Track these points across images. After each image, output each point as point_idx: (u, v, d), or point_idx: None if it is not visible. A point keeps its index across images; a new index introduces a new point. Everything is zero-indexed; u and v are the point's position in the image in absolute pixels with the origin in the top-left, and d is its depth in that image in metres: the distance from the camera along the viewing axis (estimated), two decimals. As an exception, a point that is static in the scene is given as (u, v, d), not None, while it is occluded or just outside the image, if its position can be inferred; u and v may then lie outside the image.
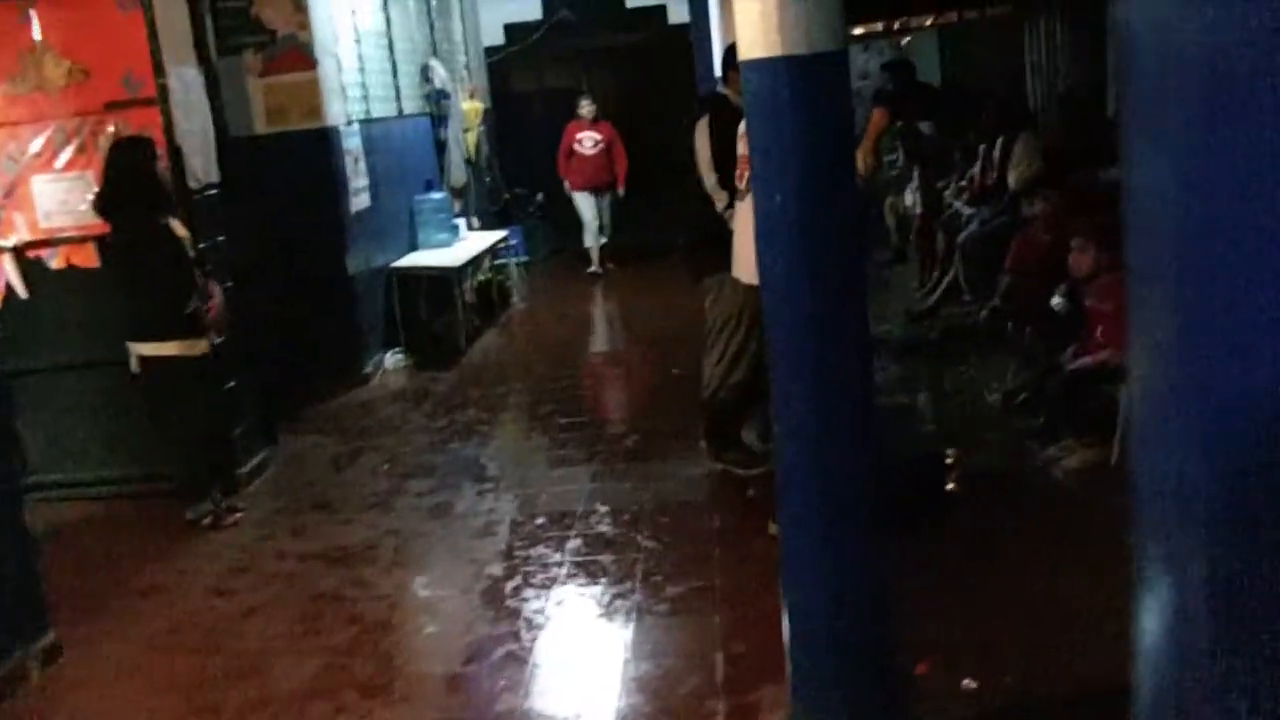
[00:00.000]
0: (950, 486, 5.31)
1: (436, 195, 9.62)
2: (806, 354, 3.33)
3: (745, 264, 4.55)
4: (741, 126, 4.67)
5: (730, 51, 5.26)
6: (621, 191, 11.72)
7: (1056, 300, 6.10)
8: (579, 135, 11.62)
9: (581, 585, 4.55)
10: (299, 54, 7.60)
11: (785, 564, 3.49)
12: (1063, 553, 4.43)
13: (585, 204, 11.66)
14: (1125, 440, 5.18)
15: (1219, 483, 1.01)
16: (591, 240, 11.70)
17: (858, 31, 11.81)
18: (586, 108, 11.66)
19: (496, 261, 10.36)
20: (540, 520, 5.25)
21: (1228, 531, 1.01)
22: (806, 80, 3.17)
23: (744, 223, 4.53)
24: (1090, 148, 10.22)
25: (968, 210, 8.90)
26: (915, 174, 9.68)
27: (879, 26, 14.39)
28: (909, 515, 4.35)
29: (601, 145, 11.57)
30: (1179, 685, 1.12)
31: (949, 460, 5.55)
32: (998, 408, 6.19)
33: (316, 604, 4.63)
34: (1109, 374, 5.33)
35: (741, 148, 4.59)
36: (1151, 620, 1.17)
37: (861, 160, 5.32)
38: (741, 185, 4.60)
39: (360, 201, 8.20)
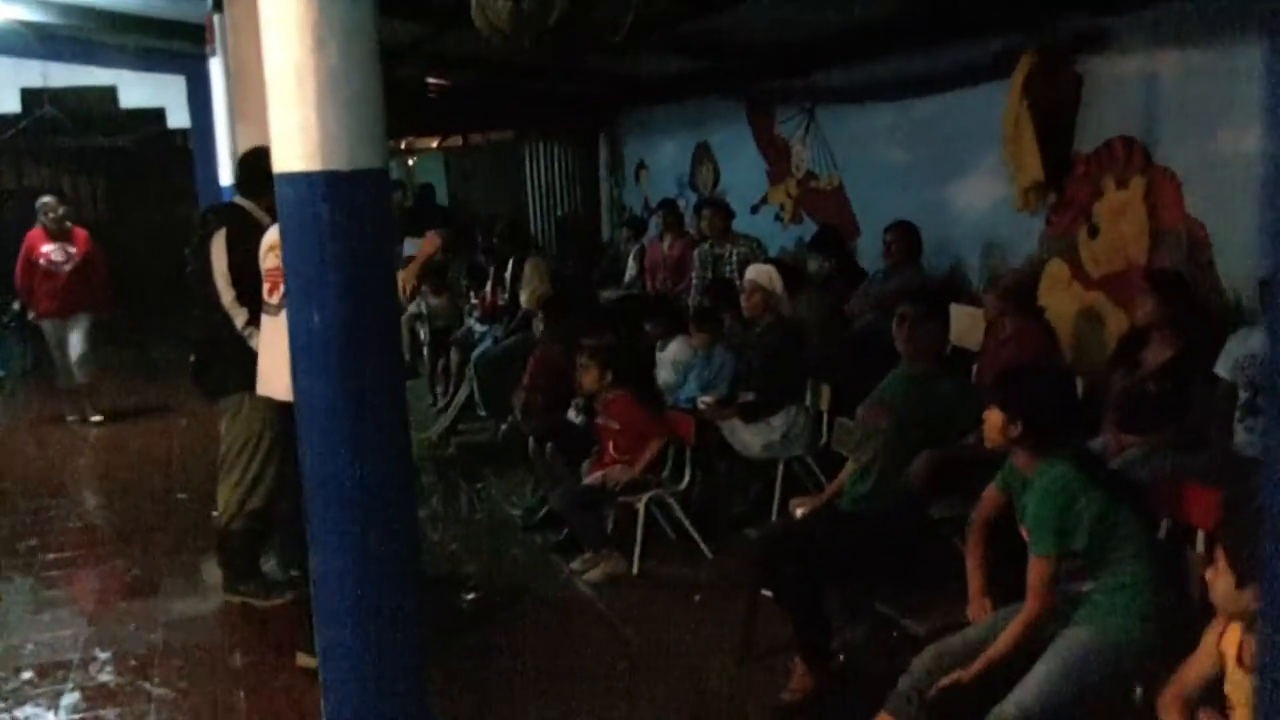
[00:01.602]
0: (469, 600, 5.29)
1: (-112, 303, 8.46)
2: (347, 479, 3.19)
3: (275, 380, 4.33)
4: (268, 238, 4.49)
5: (250, 162, 5.04)
6: (104, 316, 9.47)
7: (573, 413, 6.35)
8: (43, 248, 9.17)
9: (83, 746, 4.03)
10: None
11: (327, 700, 3.29)
12: (587, 664, 4.53)
13: (54, 334, 9.31)
14: (644, 550, 5.46)
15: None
16: (68, 380, 9.38)
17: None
18: (52, 213, 9.23)
19: (-36, 377, 9.23)
20: (26, 674, 4.61)
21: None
22: (347, 196, 3.09)
23: (273, 338, 4.31)
24: (588, 270, 10.89)
25: (480, 328, 9.09)
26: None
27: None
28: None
29: (75, 260, 9.22)
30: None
31: (464, 576, 5.55)
32: (519, 523, 6.28)
33: None
34: (625, 487, 5.58)
35: (271, 261, 4.39)
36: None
37: (404, 284, 5.28)
38: (273, 300, 4.38)
39: None
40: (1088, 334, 5.86)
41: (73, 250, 9.26)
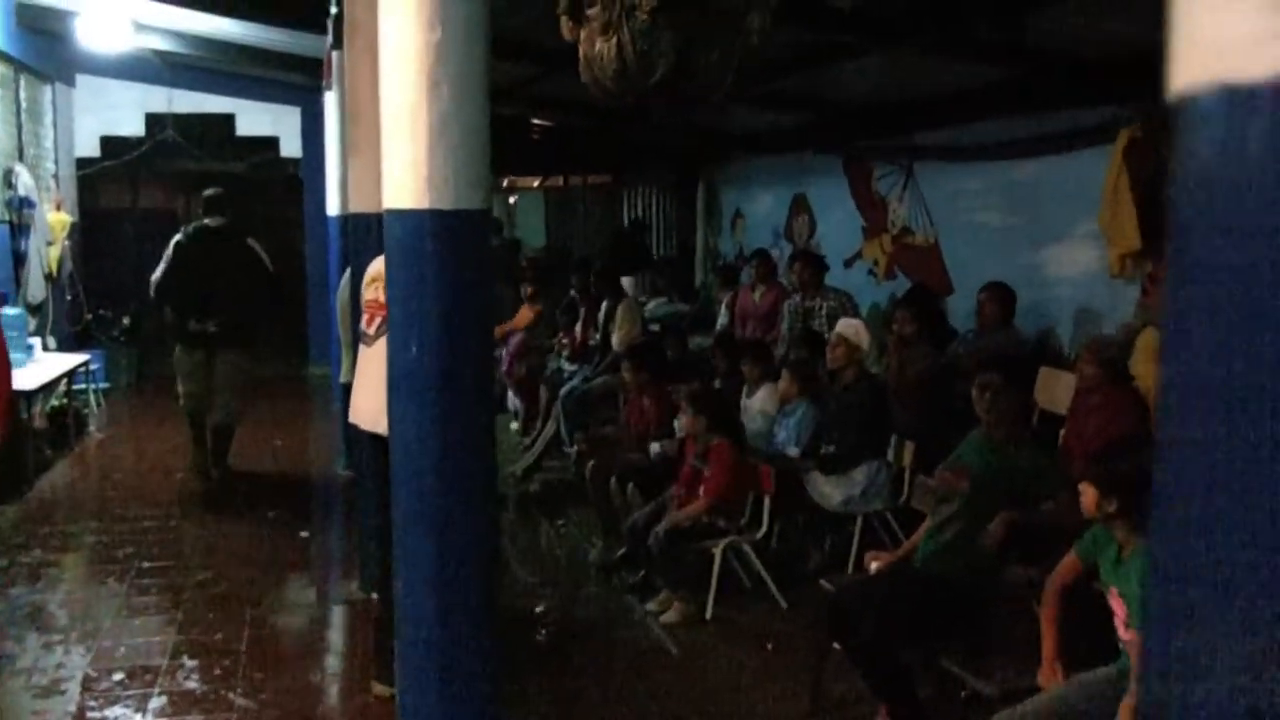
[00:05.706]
0: (543, 635, 5.33)
1: (10, 311, 8.79)
2: (433, 507, 3.28)
3: (365, 410, 4.46)
4: (372, 270, 4.59)
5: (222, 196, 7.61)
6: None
7: (655, 449, 6.41)
8: None
9: (167, 749, 4.17)
10: None
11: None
12: (656, 705, 4.57)
13: None
14: (718, 597, 5.49)
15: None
16: None
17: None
18: None
19: (74, 387, 9.56)
20: (118, 676, 4.78)
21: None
22: (450, 235, 3.21)
23: (366, 367, 4.45)
24: (679, 316, 10.99)
25: (569, 367, 9.22)
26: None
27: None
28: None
29: None
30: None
31: (540, 612, 5.60)
32: (597, 562, 6.35)
33: None
34: (704, 530, 5.62)
35: (371, 293, 4.50)
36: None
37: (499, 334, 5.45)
38: (370, 330, 4.52)
39: (-86, 312, 7.28)
40: (1178, 406, 5.79)
41: None
